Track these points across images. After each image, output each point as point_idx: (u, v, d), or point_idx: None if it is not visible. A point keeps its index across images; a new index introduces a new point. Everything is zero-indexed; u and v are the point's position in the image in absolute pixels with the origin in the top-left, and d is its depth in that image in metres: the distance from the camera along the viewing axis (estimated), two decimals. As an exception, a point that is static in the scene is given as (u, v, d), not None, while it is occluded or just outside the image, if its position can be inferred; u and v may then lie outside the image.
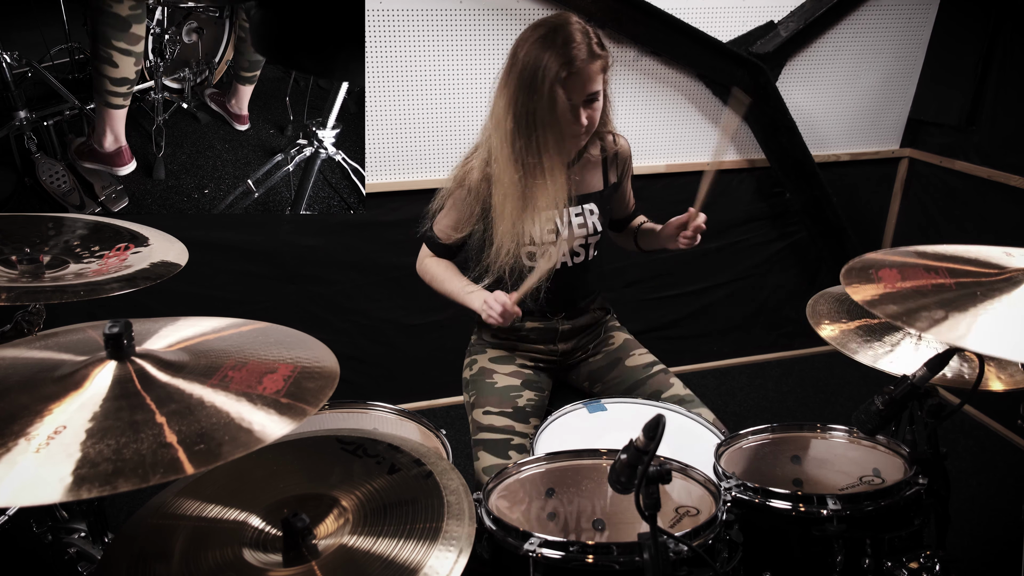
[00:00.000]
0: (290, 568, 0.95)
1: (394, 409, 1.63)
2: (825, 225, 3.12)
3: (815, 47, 2.85)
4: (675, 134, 2.85)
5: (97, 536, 1.36)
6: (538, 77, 1.51)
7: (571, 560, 1.10)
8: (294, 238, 2.60)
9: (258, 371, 0.96)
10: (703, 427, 1.61)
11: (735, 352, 3.33)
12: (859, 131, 3.08)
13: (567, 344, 1.90)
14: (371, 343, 2.82)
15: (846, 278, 1.22)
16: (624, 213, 1.99)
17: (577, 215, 1.77)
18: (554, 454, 1.38)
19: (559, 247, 1.72)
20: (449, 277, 1.81)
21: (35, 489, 0.74)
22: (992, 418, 2.81)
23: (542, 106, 1.53)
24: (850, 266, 1.26)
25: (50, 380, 0.90)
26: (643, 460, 0.97)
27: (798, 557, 1.31)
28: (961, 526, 2.24)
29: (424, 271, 1.87)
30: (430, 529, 0.98)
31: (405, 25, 2.40)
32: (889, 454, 1.43)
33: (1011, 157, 2.71)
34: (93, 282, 1.27)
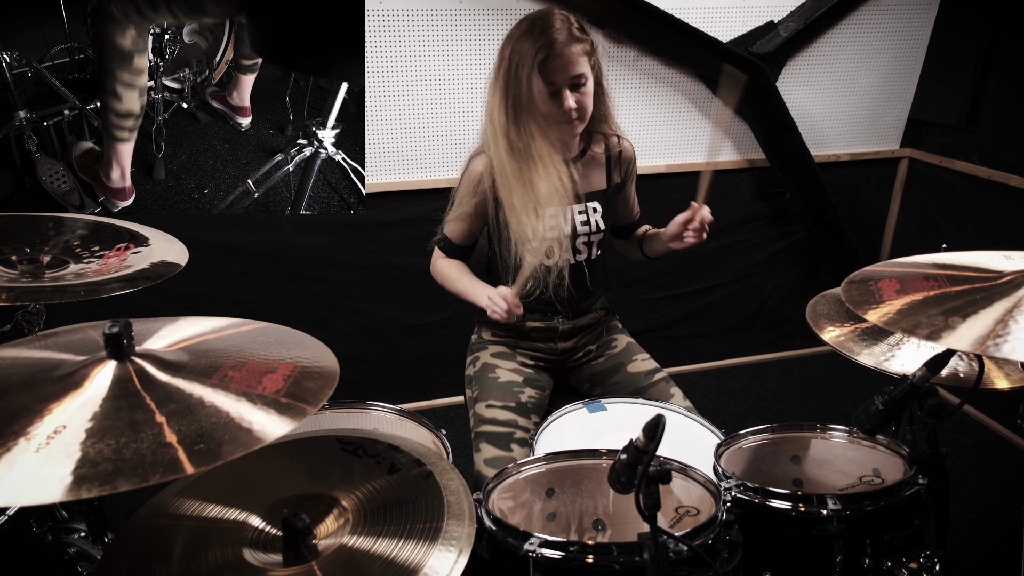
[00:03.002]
0: (290, 568, 0.95)
1: (394, 409, 1.63)
2: (825, 225, 3.12)
3: (815, 47, 2.85)
4: (675, 134, 2.85)
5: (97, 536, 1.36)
6: (520, 64, 1.56)
7: (571, 560, 1.09)
8: (294, 238, 2.60)
9: (258, 371, 0.96)
10: (703, 427, 1.61)
11: (735, 352, 3.33)
12: (859, 131, 3.08)
13: (567, 343, 1.90)
14: (371, 343, 2.82)
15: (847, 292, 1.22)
16: (628, 220, 1.99)
17: (580, 212, 1.77)
18: (554, 454, 1.38)
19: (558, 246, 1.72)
20: (459, 276, 1.82)
21: (35, 489, 0.74)
22: (992, 418, 2.81)
23: (524, 91, 1.57)
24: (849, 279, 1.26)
25: (50, 380, 0.90)
26: (643, 460, 0.97)
27: (798, 557, 1.31)
28: (961, 526, 2.24)
29: (436, 272, 1.89)
30: (430, 529, 0.98)
31: (405, 25, 2.40)
32: (889, 454, 1.43)
33: (1011, 157, 2.71)
34: (93, 282, 1.27)
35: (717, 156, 1.69)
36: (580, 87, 1.60)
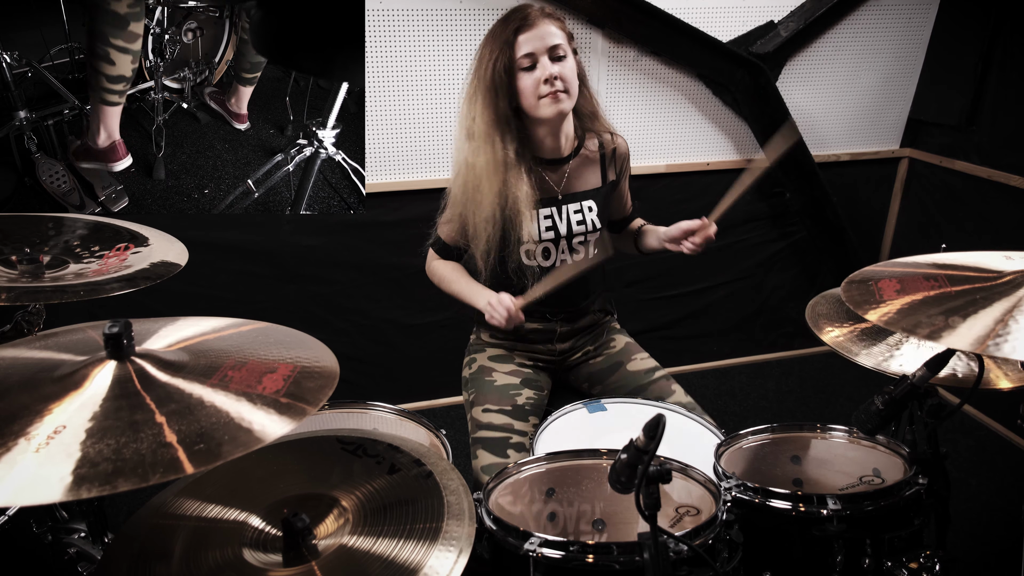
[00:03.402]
0: (290, 568, 0.95)
1: (394, 409, 1.63)
2: (825, 225, 3.12)
3: (815, 47, 2.85)
4: (675, 134, 2.85)
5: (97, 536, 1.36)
6: (495, 49, 1.58)
7: (571, 560, 1.10)
8: (294, 238, 2.60)
9: (258, 371, 0.96)
10: (703, 427, 1.61)
11: (735, 352, 3.33)
12: (859, 131, 3.08)
13: (565, 344, 1.90)
14: (371, 343, 2.82)
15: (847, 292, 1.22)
16: (622, 214, 1.99)
17: (576, 212, 1.77)
18: (554, 454, 1.38)
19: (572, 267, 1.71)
20: (456, 277, 1.82)
21: (35, 489, 0.74)
22: (992, 418, 2.81)
23: (499, 77, 1.57)
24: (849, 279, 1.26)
25: (50, 380, 0.90)
26: (643, 460, 0.97)
27: (798, 557, 1.31)
28: (961, 526, 2.24)
29: (432, 272, 1.89)
30: (430, 529, 0.98)
31: (405, 25, 2.40)
32: (889, 454, 1.43)
33: (1011, 157, 2.71)
34: (93, 282, 1.27)
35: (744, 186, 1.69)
36: (559, 59, 1.59)
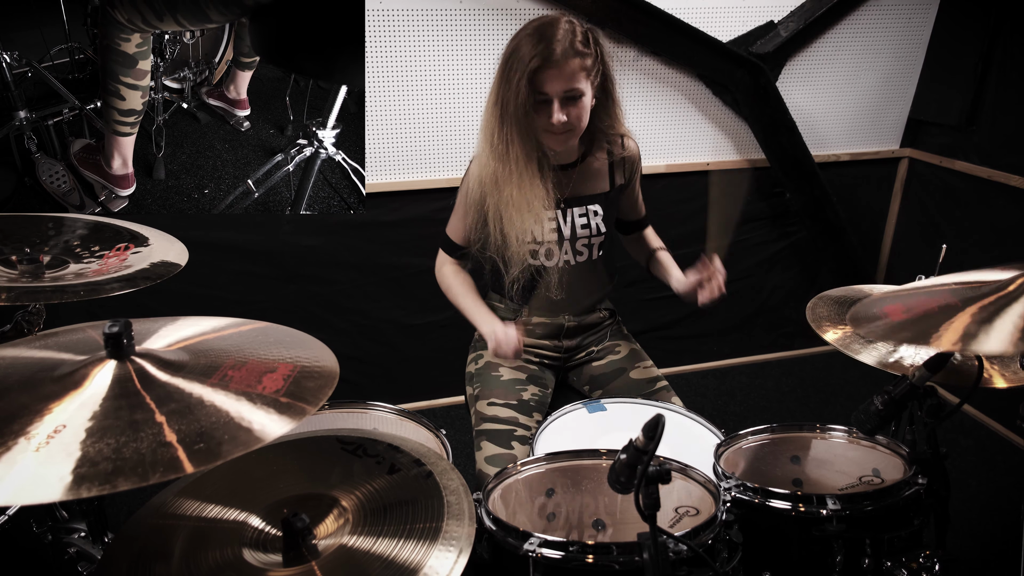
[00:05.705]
0: (290, 568, 0.95)
1: (394, 409, 1.64)
2: (825, 225, 3.12)
3: (815, 47, 2.85)
4: (675, 134, 2.85)
5: (97, 536, 1.36)
6: (513, 67, 1.53)
7: (571, 560, 1.10)
8: (294, 238, 2.59)
9: (258, 370, 0.96)
10: (703, 427, 1.61)
11: (735, 352, 3.33)
12: (859, 131, 3.08)
13: (572, 341, 1.91)
14: (371, 343, 2.82)
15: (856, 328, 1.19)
16: (633, 216, 1.98)
17: (581, 215, 1.77)
18: (554, 454, 1.38)
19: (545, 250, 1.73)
20: (464, 292, 1.82)
21: (35, 488, 0.74)
22: (992, 418, 2.81)
23: (513, 95, 1.54)
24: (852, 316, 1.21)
25: (50, 380, 0.90)
26: (643, 460, 0.97)
27: (798, 557, 1.31)
28: (961, 526, 2.24)
29: (441, 279, 1.89)
30: (430, 529, 0.98)
31: (405, 25, 2.40)
32: (889, 454, 1.43)
33: (1011, 157, 2.71)
34: (93, 282, 1.26)
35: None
36: (574, 100, 1.56)
